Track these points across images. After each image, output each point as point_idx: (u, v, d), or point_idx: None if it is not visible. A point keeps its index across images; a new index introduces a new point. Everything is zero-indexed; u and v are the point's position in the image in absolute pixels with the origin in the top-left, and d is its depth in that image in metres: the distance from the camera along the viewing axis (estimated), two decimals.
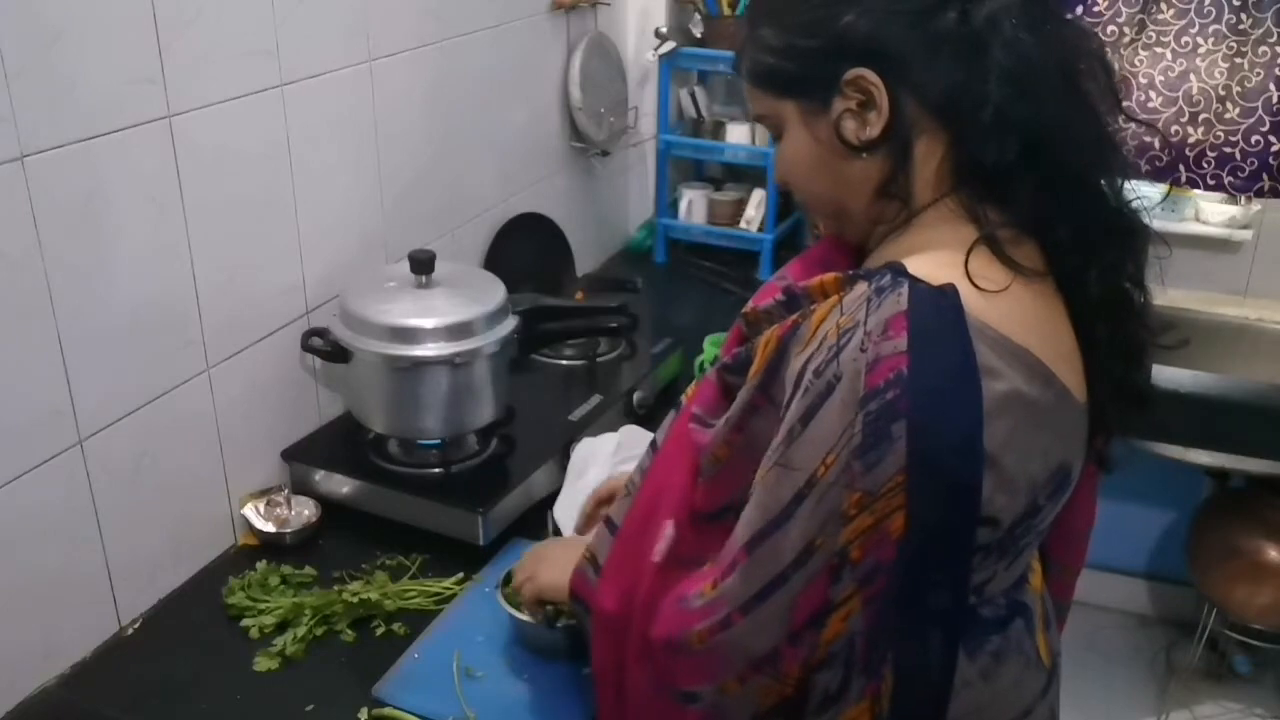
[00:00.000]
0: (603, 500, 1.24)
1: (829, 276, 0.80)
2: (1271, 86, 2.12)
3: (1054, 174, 0.80)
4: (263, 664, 1.21)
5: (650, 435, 1.17)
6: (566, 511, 1.43)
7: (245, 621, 1.28)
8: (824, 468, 0.74)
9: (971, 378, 0.72)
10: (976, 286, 0.76)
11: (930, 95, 0.81)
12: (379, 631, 1.28)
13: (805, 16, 0.84)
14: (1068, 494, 0.85)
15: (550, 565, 1.10)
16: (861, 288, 0.76)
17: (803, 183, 0.90)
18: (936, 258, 0.79)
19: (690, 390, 0.93)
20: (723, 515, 0.84)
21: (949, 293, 0.74)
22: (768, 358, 0.81)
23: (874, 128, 0.82)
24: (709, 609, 0.80)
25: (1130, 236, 0.85)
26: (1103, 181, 0.83)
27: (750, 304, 0.88)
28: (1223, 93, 2.16)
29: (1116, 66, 2.18)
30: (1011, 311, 0.77)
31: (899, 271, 0.75)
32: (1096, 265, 0.82)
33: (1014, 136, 0.79)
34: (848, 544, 0.74)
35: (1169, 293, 2.49)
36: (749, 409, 0.82)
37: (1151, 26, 2.17)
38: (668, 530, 0.86)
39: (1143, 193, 0.87)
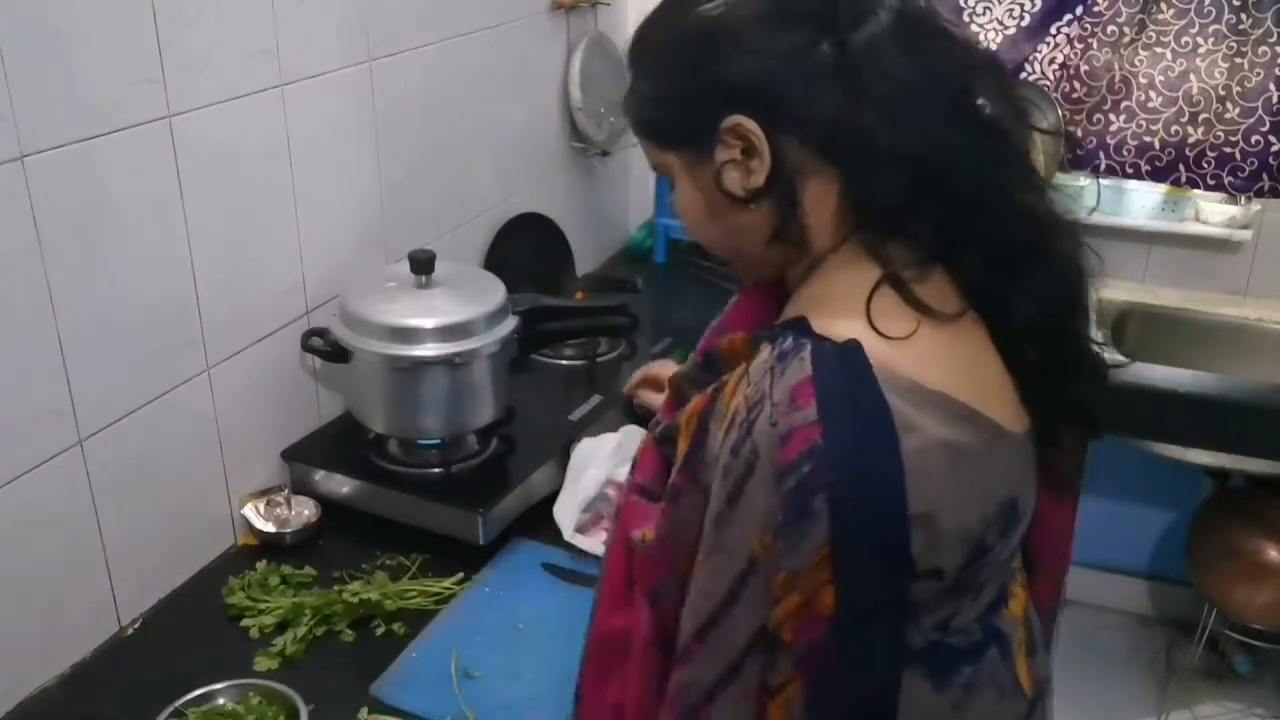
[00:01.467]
0: None
1: (738, 337, 0.77)
2: (1271, 86, 2.12)
3: (951, 203, 0.76)
4: (263, 664, 1.22)
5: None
6: (567, 512, 1.43)
7: (245, 621, 1.28)
8: (760, 548, 0.71)
9: (887, 437, 0.69)
10: (880, 335, 0.73)
11: (813, 135, 0.77)
12: (379, 631, 1.28)
13: (678, 66, 0.81)
14: (1021, 525, 0.82)
15: None
16: (765, 353, 0.73)
17: (699, 232, 0.87)
18: (841, 306, 0.75)
19: (641, 446, 0.89)
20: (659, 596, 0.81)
21: (852, 350, 0.71)
22: (691, 436, 0.77)
23: (758, 175, 0.78)
24: (674, 698, 0.77)
25: (1051, 255, 0.80)
26: (1010, 203, 0.79)
27: (679, 370, 0.85)
28: (1223, 93, 2.16)
29: (1116, 67, 2.19)
30: (923, 354, 0.74)
31: (800, 331, 0.73)
32: (1017, 288, 0.78)
33: (904, 169, 0.75)
34: (779, 625, 0.71)
35: (1168, 292, 2.51)
36: (675, 491, 0.78)
37: (1151, 26, 2.17)
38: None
39: (1064, 198, 0.83)
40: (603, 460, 1.46)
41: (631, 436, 1.48)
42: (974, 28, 2.24)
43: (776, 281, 0.87)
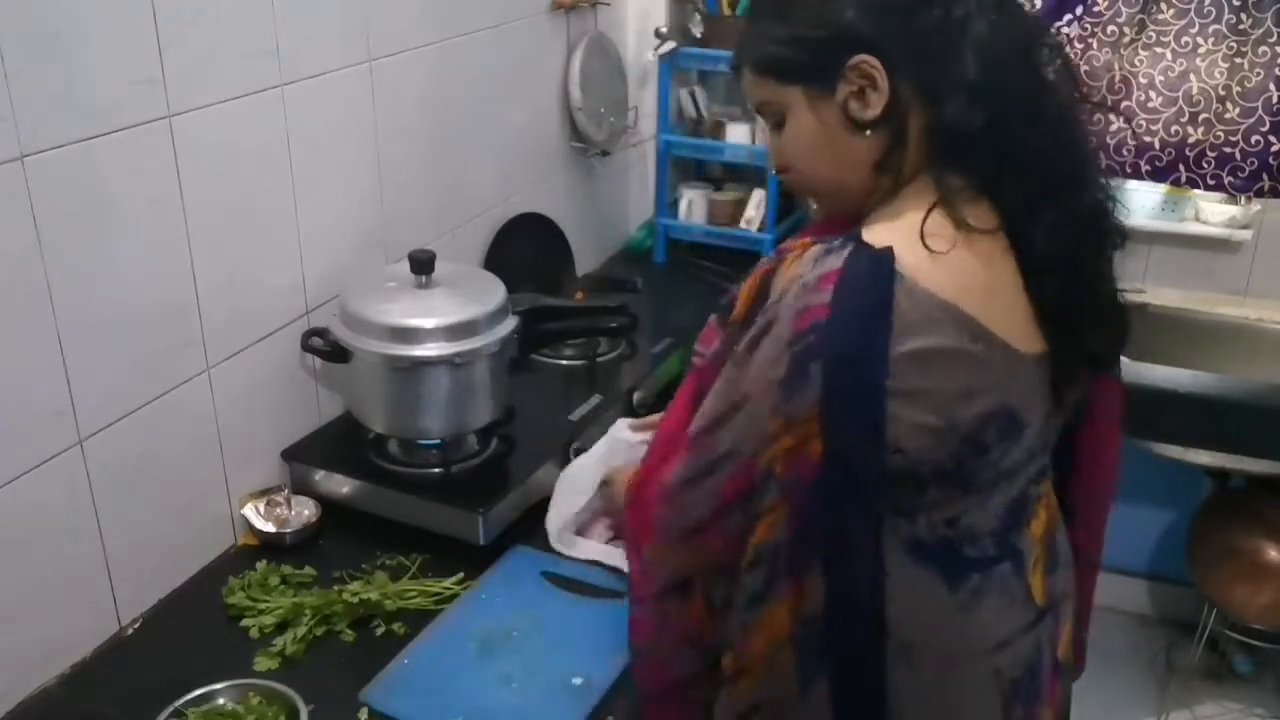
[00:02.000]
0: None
1: (806, 240, 0.93)
2: (1271, 86, 2.12)
3: (1007, 140, 0.91)
4: (263, 664, 1.22)
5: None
6: (556, 525, 1.42)
7: (245, 621, 1.28)
8: (755, 389, 0.89)
9: (882, 329, 0.84)
10: (926, 248, 0.87)
11: (920, 77, 0.92)
12: (379, 632, 1.28)
13: (810, 11, 0.95)
14: (1026, 436, 0.94)
15: (614, 494, 1.33)
16: (817, 249, 0.89)
17: (806, 163, 1.00)
18: (896, 224, 0.90)
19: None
20: None
21: (884, 255, 0.86)
22: (750, 297, 0.96)
23: (875, 108, 0.93)
24: (665, 486, 0.98)
25: (1075, 197, 0.95)
26: (1057, 149, 0.93)
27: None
28: (1223, 93, 2.16)
29: (1116, 67, 2.19)
30: (951, 271, 0.87)
31: (852, 238, 0.88)
32: (1041, 222, 0.92)
33: (979, 113, 0.90)
34: (773, 460, 0.89)
35: (1168, 292, 2.51)
36: (731, 342, 0.96)
37: (1151, 26, 2.17)
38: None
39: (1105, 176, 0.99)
40: (592, 466, 1.43)
41: (619, 429, 1.46)
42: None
43: (856, 215, 0.98)
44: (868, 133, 0.94)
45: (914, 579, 0.92)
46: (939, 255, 0.87)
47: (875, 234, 0.89)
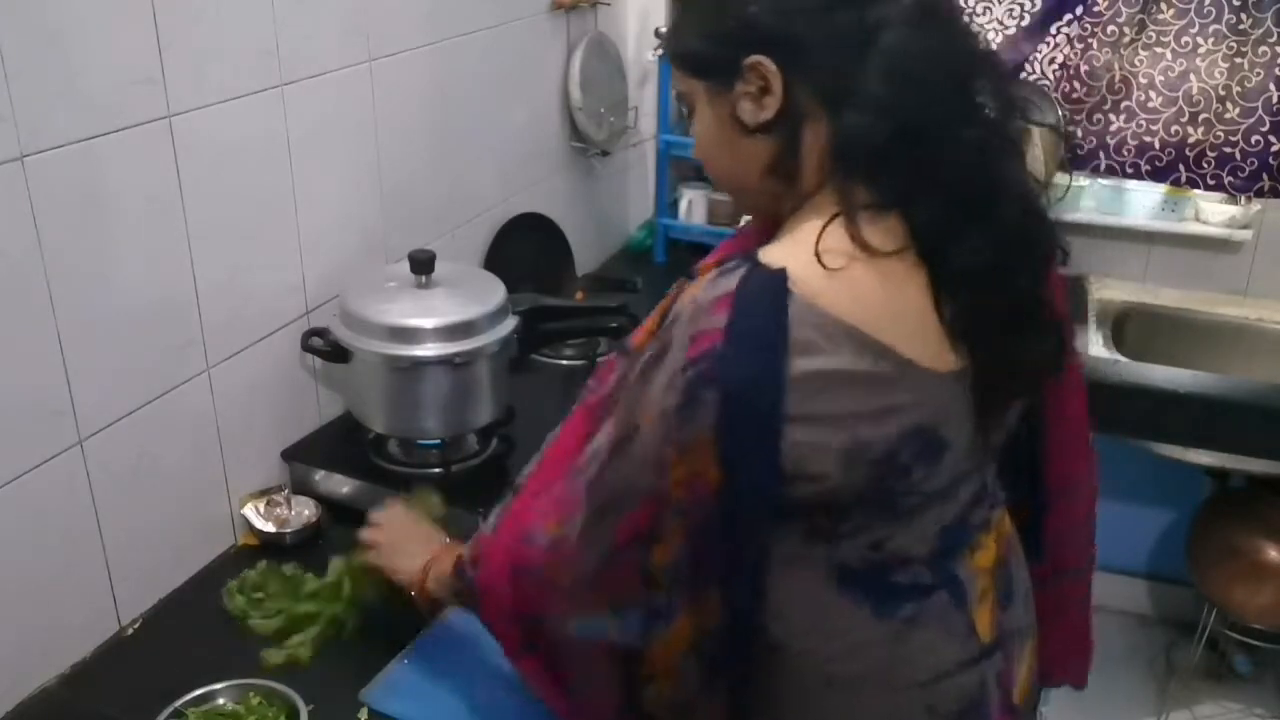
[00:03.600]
0: None
1: (709, 262, 0.92)
2: (1271, 86, 2.12)
3: (921, 158, 0.86)
4: (266, 663, 1.21)
5: None
6: None
7: (252, 621, 1.28)
8: (647, 420, 0.86)
9: (777, 353, 0.81)
10: (821, 264, 0.83)
11: (820, 84, 0.88)
12: (379, 632, 1.28)
13: (717, 5, 0.93)
14: (947, 457, 0.89)
15: (401, 553, 1.21)
16: (713, 272, 0.86)
17: (709, 156, 0.98)
18: (796, 239, 0.87)
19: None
20: None
21: (777, 275, 0.82)
22: (658, 320, 0.94)
23: (768, 111, 0.89)
24: (555, 545, 0.95)
25: (994, 215, 0.88)
26: (977, 166, 0.88)
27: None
28: (1223, 93, 2.16)
29: (1116, 67, 2.19)
30: (849, 290, 0.83)
31: (748, 258, 0.85)
32: (956, 245, 0.87)
33: (886, 124, 0.85)
34: (673, 485, 0.85)
35: (1168, 292, 2.51)
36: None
37: (1151, 26, 2.17)
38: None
39: (1047, 192, 0.95)
40: None
41: None
42: (974, 28, 2.24)
43: (773, 217, 0.96)
44: (758, 135, 0.91)
45: (836, 605, 0.89)
46: (836, 273, 0.83)
47: (772, 253, 0.86)
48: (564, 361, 1.84)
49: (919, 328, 0.87)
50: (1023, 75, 2.24)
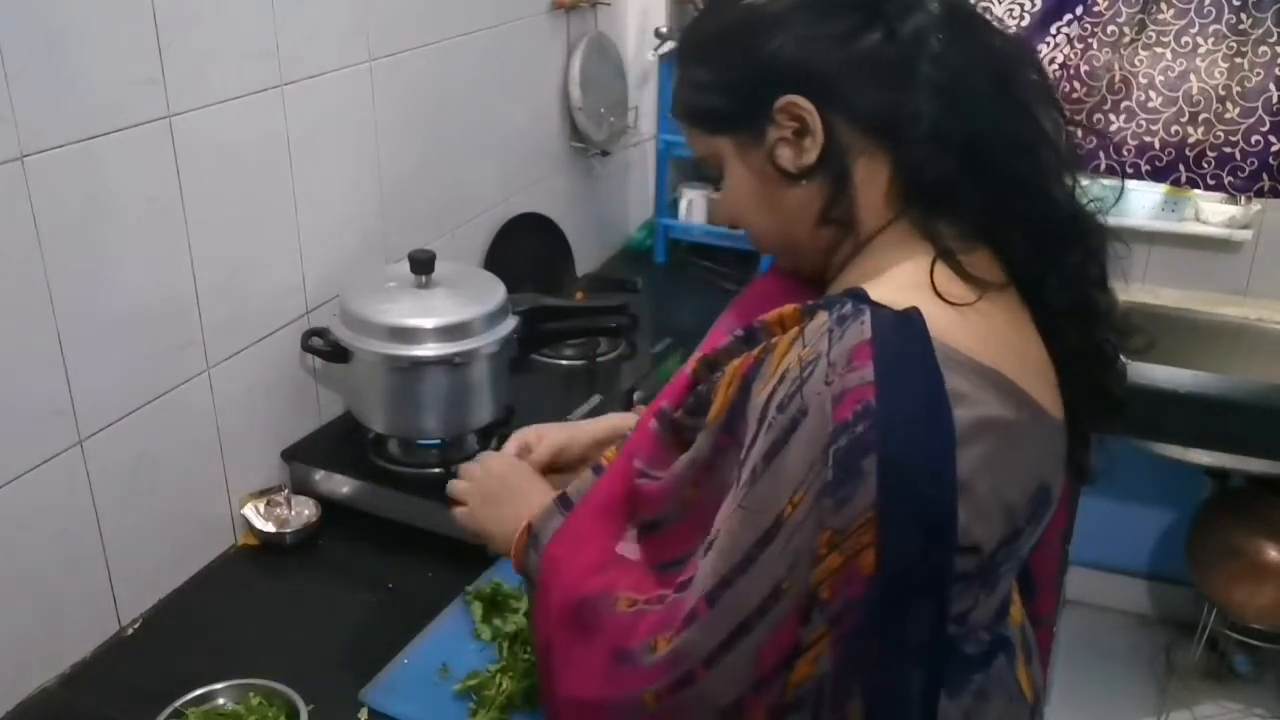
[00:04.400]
0: (554, 459, 1.13)
1: (788, 308, 0.77)
2: (1271, 86, 2.12)
3: (997, 181, 0.80)
4: (266, 663, 1.21)
5: None
6: None
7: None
8: (791, 507, 0.71)
9: (941, 405, 0.70)
10: (945, 302, 0.75)
11: (863, 116, 0.80)
12: (380, 632, 1.28)
13: (730, 49, 0.84)
14: (1049, 515, 0.82)
15: (494, 516, 1.04)
16: (822, 318, 0.74)
17: (749, 218, 0.90)
18: (895, 280, 0.78)
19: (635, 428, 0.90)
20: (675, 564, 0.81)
21: (913, 317, 0.72)
22: (731, 396, 0.78)
23: (810, 154, 0.81)
24: (665, 666, 0.75)
25: (1087, 238, 0.84)
26: (1050, 184, 0.82)
27: (704, 348, 0.86)
28: (1223, 93, 2.16)
29: (1116, 67, 2.19)
30: (978, 331, 0.75)
31: (859, 298, 0.74)
32: (1057, 271, 0.81)
33: (951, 149, 0.78)
34: (818, 584, 0.70)
35: (1168, 292, 2.51)
36: (715, 449, 0.79)
37: (1151, 26, 2.17)
38: (629, 535, 0.85)
39: (1094, 193, 0.87)
40: None
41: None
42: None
43: (819, 271, 0.88)
44: (804, 182, 0.82)
45: (893, 685, 0.76)
46: (963, 310, 0.75)
47: (880, 291, 0.75)
48: (564, 361, 1.84)
49: (1040, 369, 0.80)
50: None
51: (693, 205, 2.45)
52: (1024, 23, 2.23)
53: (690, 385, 0.84)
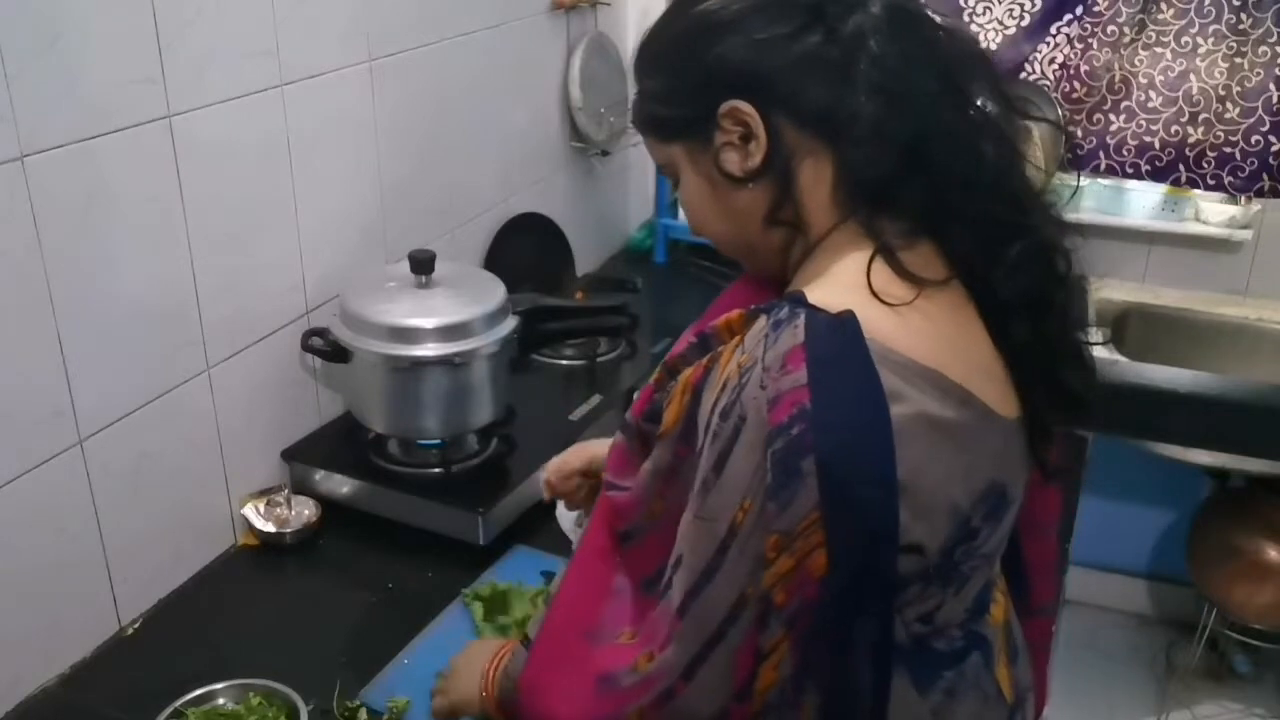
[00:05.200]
0: (588, 467, 1.18)
1: (734, 314, 0.78)
2: (1271, 86, 2.12)
3: (937, 177, 0.79)
4: (266, 663, 1.22)
5: None
6: (569, 518, 1.42)
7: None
8: (741, 513, 0.72)
9: (877, 405, 0.71)
10: (882, 302, 0.75)
11: (805, 117, 0.81)
12: (380, 631, 1.28)
13: (676, 57, 0.86)
14: (1009, 513, 0.83)
15: (458, 679, 1.08)
16: (760, 323, 0.75)
17: (705, 223, 0.90)
18: (837, 280, 0.78)
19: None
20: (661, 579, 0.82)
21: (847, 320, 0.73)
22: (685, 405, 0.79)
23: (754, 157, 0.82)
24: (647, 684, 0.77)
25: (1034, 232, 0.82)
26: (995, 179, 0.82)
27: (670, 352, 0.86)
28: (1223, 93, 2.16)
29: (1116, 67, 2.19)
30: (917, 330, 0.75)
31: (797, 302, 0.74)
32: (1000, 264, 0.80)
33: (890, 147, 0.79)
34: (770, 588, 0.72)
35: (1168, 292, 2.51)
36: (675, 459, 0.80)
37: (1151, 26, 2.17)
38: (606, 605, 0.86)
39: (1054, 188, 0.88)
40: None
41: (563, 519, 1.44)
42: (974, 28, 2.24)
43: (780, 273, 0.89)
44: (750, 185, 0.83)
45: (844, 681, 0.77)
46: (901, 310, 0.75)
47: (820, 294, 0.75)
48: (564, 361, 1.84)
49: (987, 367, 0.80)
50: (1023, 75, 2.25)
51: None
52: (1024, 23, 2.24)
53: (651, 393, 0.86)
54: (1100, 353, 0.90)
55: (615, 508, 0.86)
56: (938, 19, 0.84)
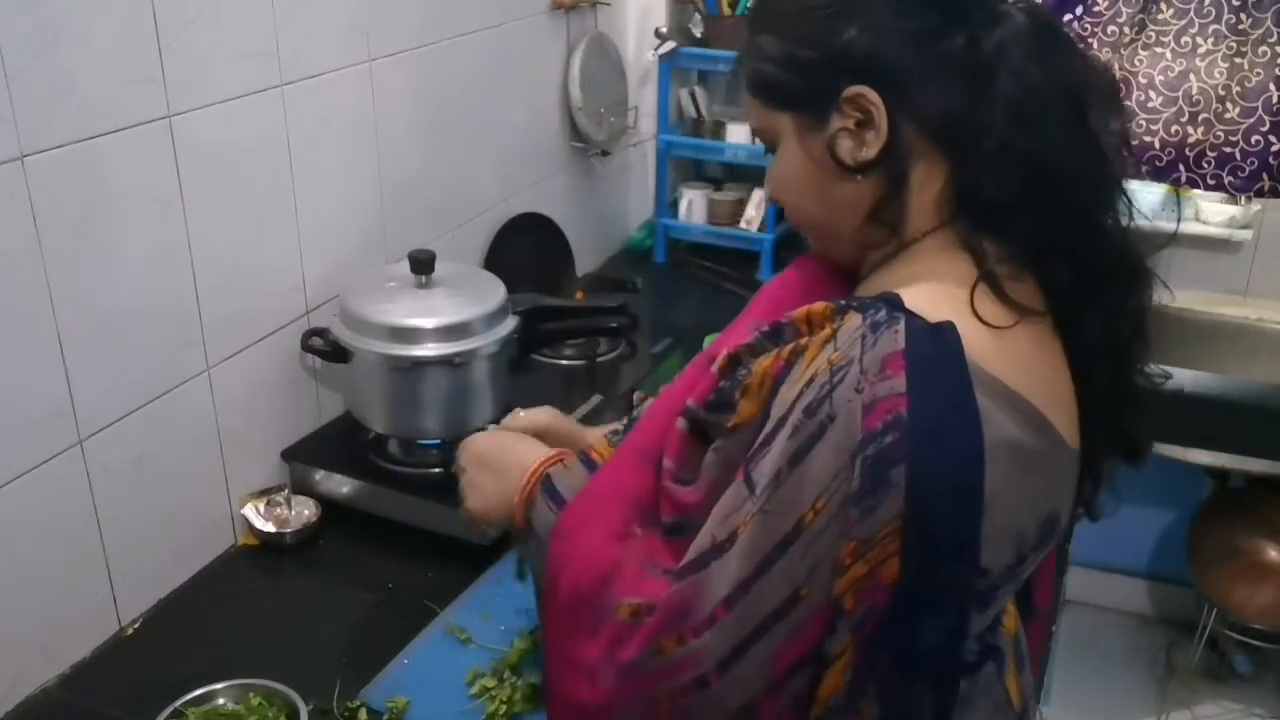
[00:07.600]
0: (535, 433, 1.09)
1: (817, 306, 0.75)
2: (1271, 86, 2.12)
3: (1055, 209, 0.77)
4: (266, 663, 1.22)
5: None
6: None
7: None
8: (813, 513, 0.70)
9: (972, 422, 0.70)
10: (980, 321, 0.73)
11: (931, 120, 0.78)
12: (379, 631, 1.28)
13: (807, 27, 0.81)
14: (1053, 544, 0.81)
15: (479, 492, 1.02)
16: (855, 321, 0.72)
17: (793, 200, 0.87)
18: (932, 291, 0.76)
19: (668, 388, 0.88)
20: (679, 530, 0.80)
21: (947, 330, 0.71)
22: (764, 398, 0.76)
23: (870, 149, 0.79)
24: (680, 667, 0.74)
25: (1132, 281, 0.81)
26: (1107, 220, 0.80)
27: (730, 343, 0.83)
28: (1223, 93, 2.15)
29: (1116, 67, 2.19)
30: (1009, 354, 0.74)
31: (894, 305, 0.72)
32: (1098, 307, 0.79)
33: (1016, 169, 0.76)
34: (842, 595, 0.70)
35: (1168, 292, 2.51)
36: (746, 451, 0.76)
37: (1151, 26, 2.17)
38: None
39: (1143, 223, 0.84)
40: None
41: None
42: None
43: (851, 263, 0.86)
44: (859, 177, 0.80)
45: (904, 692, 0.75)
46: (1000, 333, 0.73)
47: (915, 300, 0.73)
48: (564, 361, 1.84)
49: (1064, 401, 0.79)
50: None
51: (693, 205, 2.45)
52: None
53: (715, 382, 0.82)
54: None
55: (677, 502, 0.81)
56: (1074, 39, 0.82)
